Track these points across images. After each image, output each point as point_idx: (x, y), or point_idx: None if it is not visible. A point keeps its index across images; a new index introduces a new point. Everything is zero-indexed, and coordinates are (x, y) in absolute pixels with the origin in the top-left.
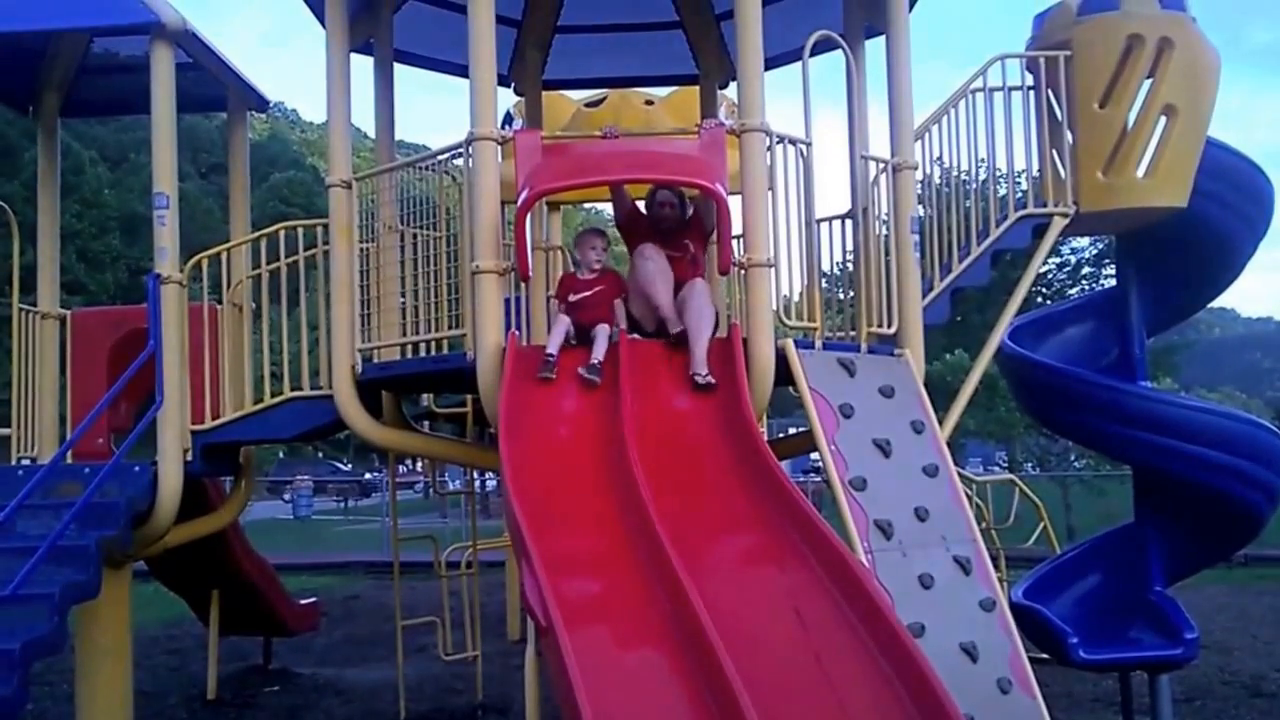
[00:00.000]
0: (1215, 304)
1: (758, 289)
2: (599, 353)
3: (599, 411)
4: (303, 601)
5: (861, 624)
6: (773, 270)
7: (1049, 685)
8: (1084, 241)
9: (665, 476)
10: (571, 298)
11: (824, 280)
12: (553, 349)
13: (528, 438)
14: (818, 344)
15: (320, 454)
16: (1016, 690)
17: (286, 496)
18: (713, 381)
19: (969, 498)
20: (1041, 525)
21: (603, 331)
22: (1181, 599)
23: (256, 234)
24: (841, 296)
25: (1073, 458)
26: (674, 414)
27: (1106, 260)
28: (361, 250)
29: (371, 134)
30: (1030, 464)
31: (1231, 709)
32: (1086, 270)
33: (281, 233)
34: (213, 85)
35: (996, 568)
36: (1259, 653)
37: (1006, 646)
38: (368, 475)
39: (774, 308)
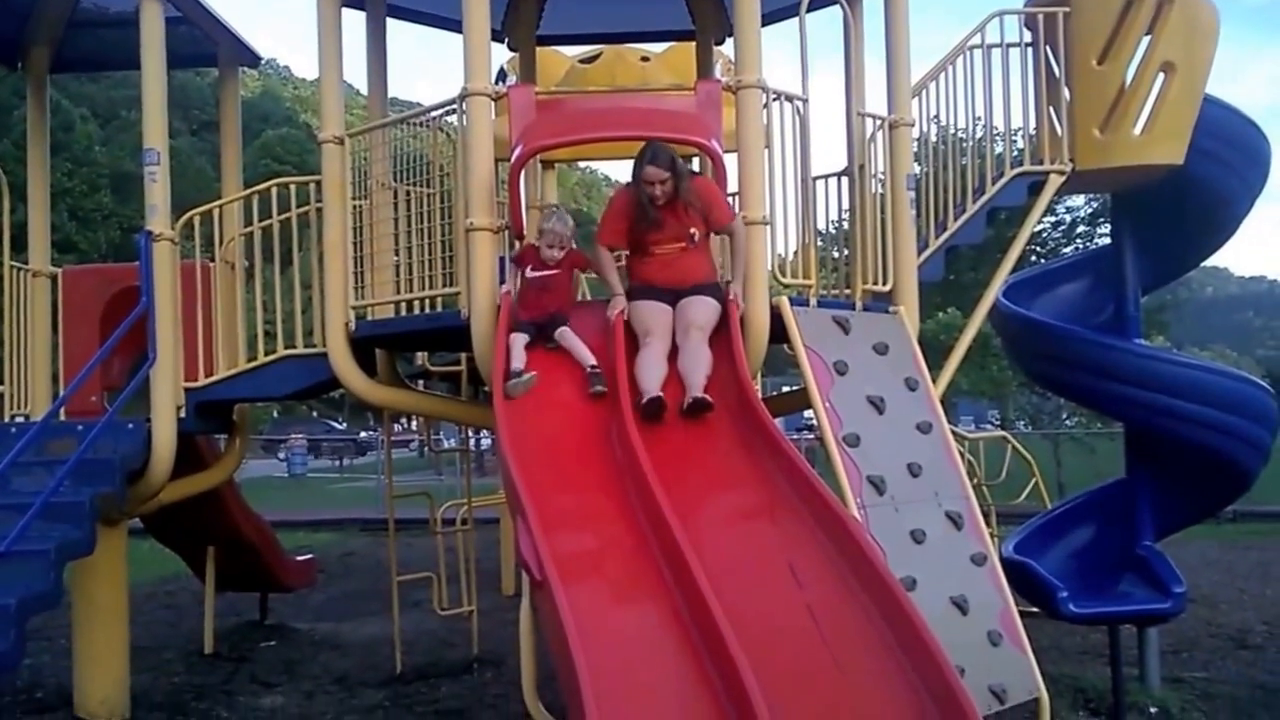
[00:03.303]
0: (1208, 262)
1: (753, 246)
2: (586, 355)
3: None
4: (299, 558)
5: (854, 578)
6: (768, 228)
7: (1038, 638)
8: (1079, 200)
9: (660, 434)
10: (531, 273)
11: (819, 239)
12: (519, 363)
13: (523, 396)
14: (813, 301)
15: (315, 413)
16: (1006, 643)
17: (281, 455)
18: (708, 400)
19: (961, 454)
20: (1033, 482)
21: (569, 336)
22: (1170, 554)
23: (248, 191)
24: (836, 255)
25: (1064, 415)
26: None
27: (1101, 219)
28: (354, 208)
29: (364, 91)
30: (1022, 422)
31: (1218, 661)
32: (1081, 229)
33: (274, 190)
34: (203, 40)
35: (988, 524)
36: (1245, 606)
37: (997, 600)
38: (363, 434)
39: (769, 265)
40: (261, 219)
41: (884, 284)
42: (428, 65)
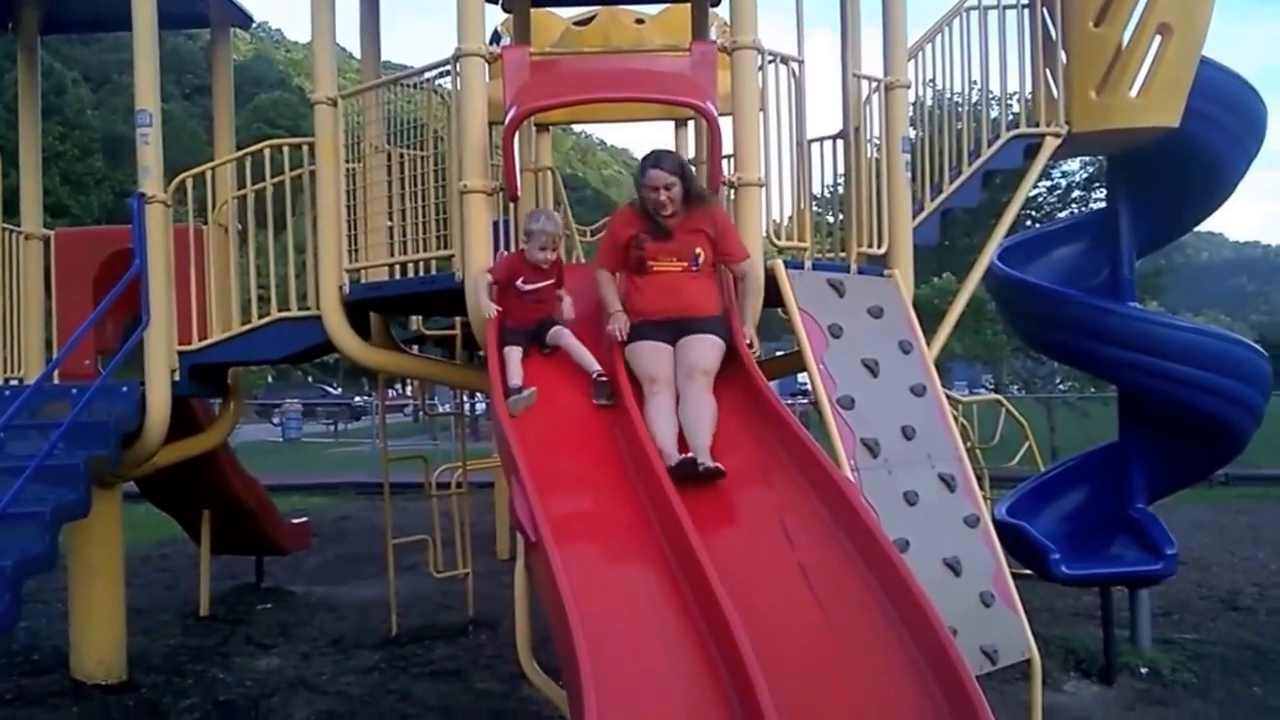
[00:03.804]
0: (1203, 227)
1: (748, 209)
2: (589, 360)
3: (587, 325)
4: (294, 521)
5: (848, 539)
6: (763, 190)
7: (1031, 600)
8: (1074, 164)
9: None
10: (525, 285)
11: (814, 202)
12: (517, 379)
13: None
14: (807, 264)
15: (309, 378)
16: (999, 604)
17: (276, 420)
18: (720, 468)
19: (955, 418)
20: (1026, 445)
21: (565, 335)
22: (1162, 517)
23: (241, 153)
24: (831, 219)
25: (1057, 380)
26: None
27: (1097, 184)
28: (348, 171)
29: (357, 55)
30: (1016, 386)
31: (1209, 622)
32: (1077, 193)
33: (267, 152)
34: (194, 0)
35: (981, 487)
36: (1236, 568)
37: (990, 561)
38: (357, 399)
39: (764, 228)
40: (254, 182)
41: (879, 247)
42: (421, 28)
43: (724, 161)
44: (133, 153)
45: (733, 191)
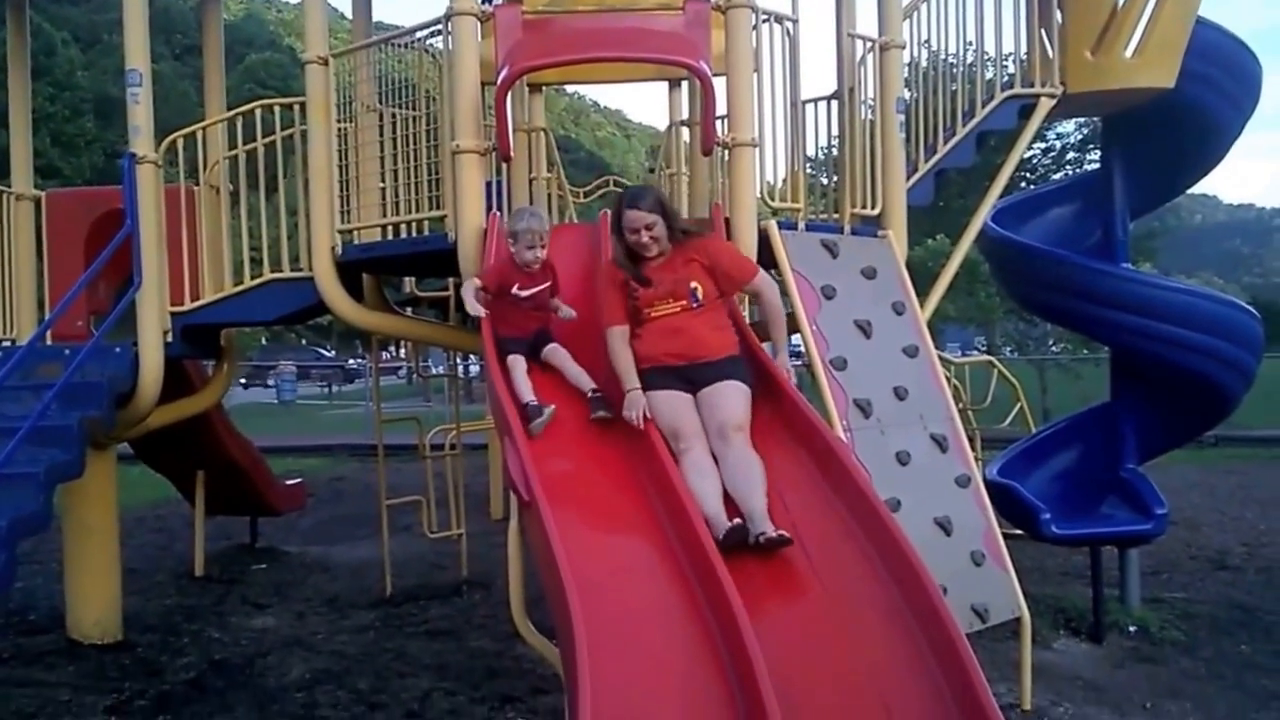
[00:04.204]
0: (1197, 190)
1: (741, 169)
2: (583, 378)
3: (580, 287)
4: (288, 482)
5: (839, 499)
6: (757, 150)
7: (1021, 560)
8: (1069, 126)
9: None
10: (519, 292)
11: (808, 164)
12: (531, 395)
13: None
14: (801, 225)
15: (303, 340)
16: (989, 563)
17: (270, 382)
18: (785, 536)
19: (947, 379)
20: (1018, 406)
21: (559, 353)
22: (1152, 477)
23: (232, 112)
24: (825, 181)
25: (1050, 342)
26: None
27: (1091, 146)
28: (340, 131)
29: (348, 15)
30: (1009, 348)
31: (1197, 581)
32: (1071, 155)
33: (258, 112)
34: None
35: (972, 448)
36: (1225, 528)
37: (980, 521)
38: (351, 361)
39: (757, 189)
40: (245, 142)
41: (872, 208)
42: None
43: (718, 122)
44: (123, 114)
45: (726, 152)
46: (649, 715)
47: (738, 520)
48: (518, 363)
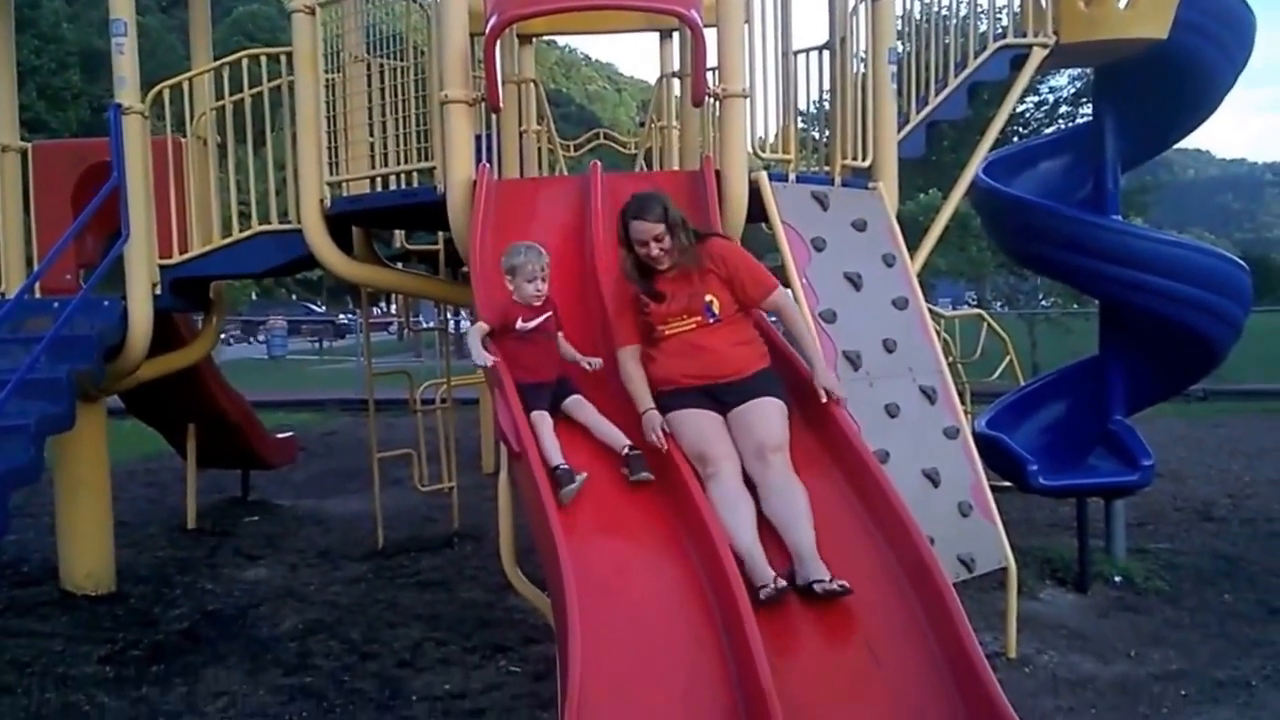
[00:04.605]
0: (1189, 145)
1: (732, 121)
2: (615, 435)
3: (570, 238)
4: (279, 435)
5: (828, 451)
6: (747, 101)
7: (1008, 512)
8: (1062, 79)
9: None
10: (523, 324)
11: (800, 118)
12: (559, 458)
13: (500, 270)
14: (791, 177)
15: (294, 296)
16: (976, 514)
17: (261, 337)
18: (846, 588)
19: (937, 332)
20: (1007, 359)
21: (584, 408)
22: (1140, 432)
23: (219, 62)
24: (816, 135)
25: (1041, 296)
26: None
27: (1084, 99)
28: (327, 82)
29: None
30: (999, 303)
31: (1183, 532)
32: (1064, 109)
33: (244, 61)
34: None
35: (962, 401)
36: (1211, 480)
37: (968, 473)
38: (342, 317)
39: (748, 141)
40: (233, 93)
41: (863, 160)
42: None
43: (709, 74)
44: (109, 68)
45: (717, 104)
46: (639, 664)
47: (782, 581)
48: (543, 421)
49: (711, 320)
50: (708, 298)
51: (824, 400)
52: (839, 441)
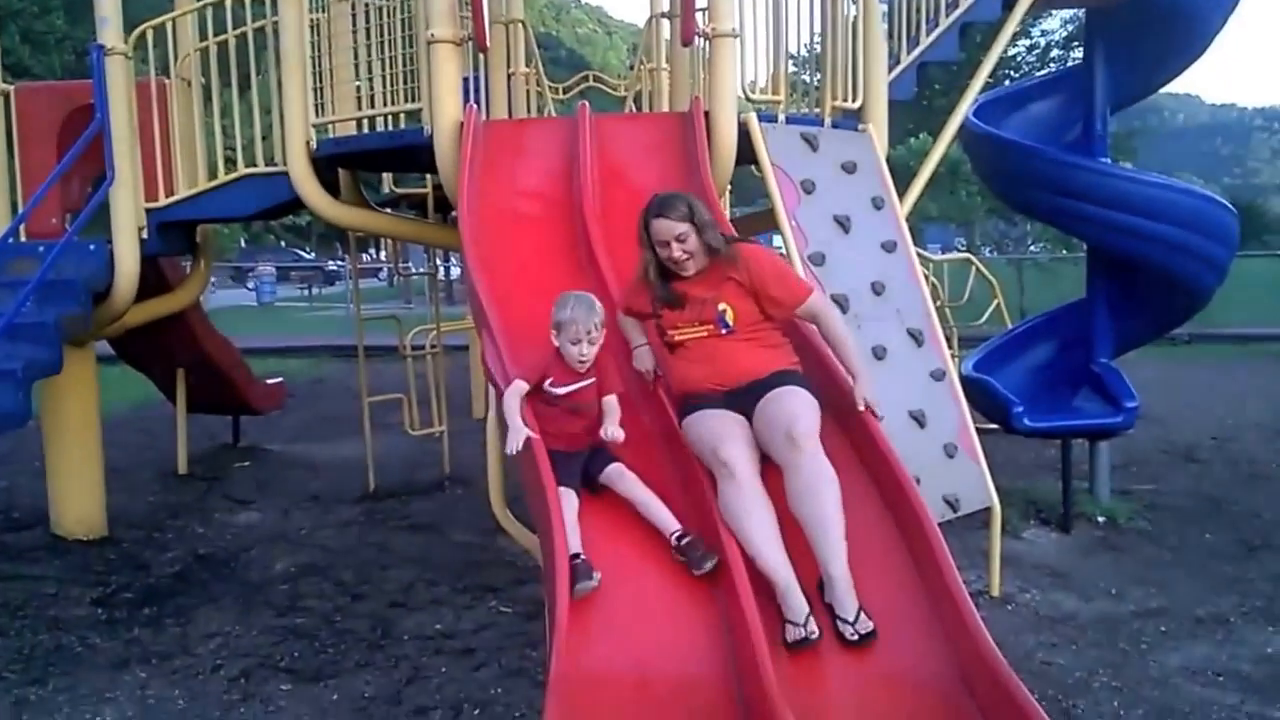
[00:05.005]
0: (1179, 89)
1: (721, 60)
2: (666, 517)
3: (558, 180)
4: (268, 381)
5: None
6: (737, 41)
7: (993, 454)
8: (1054, 23)
9: (626, 247)
10: (556, 389)
11: (790, 60)
12: (578, 544)
13: (487, 211)
14: (781, 118)
15: (282, 243)
16: (962, 455)
17: (250, 284)
18: (873, 631)
19: (925, 276)
20: (995, 303)
21: (627, 479)
22: (1125, 375)
23: (202, 3)
24: (807, 79)
25: (1029, 242)
26: (634, 189)
27: (1076, 43)
28: (312, 23)
29: None
30: (988, 249)
31: (1166, 474)
32: (1055, 53)
33: (228, 2)
34: None
35: (949, 345)
36: (1195, 423)
37: (954, 414)
38: (331, 263)
39: (738, 82)
40: (217, 34)
41: (853, 101)
42: None
43: (698, 14)
44: (93, 10)
45: (707, 45)
46: (628, 601)
47: (814, 628)
48: (568, 501)
49: (723, 331)
50: (720, 306)
51: (860, 409)
52: (825, 384)
